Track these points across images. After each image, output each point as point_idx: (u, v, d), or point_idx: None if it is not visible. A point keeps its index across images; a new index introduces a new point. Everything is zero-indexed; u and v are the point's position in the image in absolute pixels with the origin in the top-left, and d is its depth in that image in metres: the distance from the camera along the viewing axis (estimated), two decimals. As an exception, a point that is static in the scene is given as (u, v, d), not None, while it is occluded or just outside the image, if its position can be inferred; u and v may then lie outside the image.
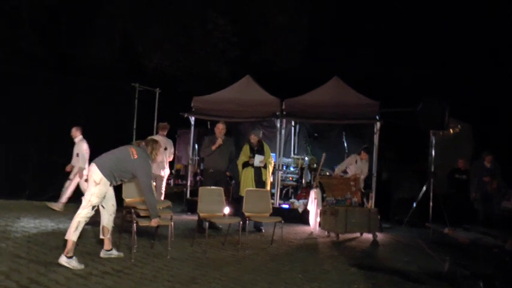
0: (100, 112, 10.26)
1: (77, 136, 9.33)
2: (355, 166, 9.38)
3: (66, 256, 5.21)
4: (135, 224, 5.90)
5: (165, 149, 9.20)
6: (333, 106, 9.98)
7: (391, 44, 15.24)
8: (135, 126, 11.02)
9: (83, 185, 8.97)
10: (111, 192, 5.70)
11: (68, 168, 9.26)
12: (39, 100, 10.29)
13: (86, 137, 9.38)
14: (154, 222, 5.72)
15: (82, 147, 9.17)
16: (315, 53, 15.55)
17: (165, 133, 9.50)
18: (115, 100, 10.55)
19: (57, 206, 9.17)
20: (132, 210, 6.25)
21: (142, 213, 6.09)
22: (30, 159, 9.95)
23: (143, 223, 5.90)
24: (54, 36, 15.44)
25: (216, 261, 5.97)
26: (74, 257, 5.24)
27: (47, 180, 10.06)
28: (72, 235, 5.31)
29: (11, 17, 14.85)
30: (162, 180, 9.25)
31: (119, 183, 5.81)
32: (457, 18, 14.64)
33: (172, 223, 6.35)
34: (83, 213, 5.41)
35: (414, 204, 10.26)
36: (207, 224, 6.70)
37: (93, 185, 5.45)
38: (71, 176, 9.26)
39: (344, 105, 9.95)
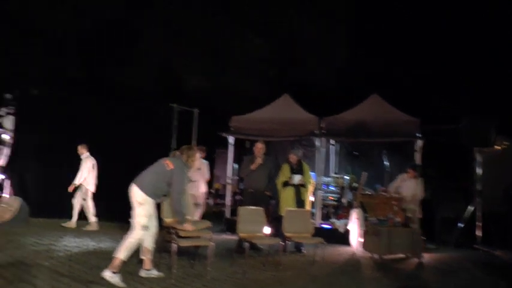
0: (140, 133, 10.45)
1: (83, 153, 9.70)
2: (405, 185, 9.12)
3: (111, 271, 5.24)
4: (175, 245, 5.90)
5: (199, 169, 9.31)
6: (372, 124, 9.85)
7: (432, 60, 14.93)
8: (174, 147, 11.14)
9: (77, 202, 9.48)
10: (153, 212, 5.72)
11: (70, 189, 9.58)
12: (83, 124, 10.64)
13: (127, 158, 9.58)
14: (188, 227, 5.77)
15: (86, 165, 9.53)
16: (353, 70, 15.39)
17: (202, 156, 9.59)
18: (154, 121, 10.74)
19: (71, 224, 9.57)
20: (172, 231, 6.24)
21: (182, 234, 6.08)
22: (72, 180, 10.18)
23: (183, 243, 5.90)
24: (97, 61, 15.95)
25: (256, 282, 5.88)
26: (119, 274, 5.27)
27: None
28: (122, 253, 5.37)
29: (59, 44, 15.49)
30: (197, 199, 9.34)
31: (162, 199, 5.83)
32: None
33: (212, 243, 6.31)
34: (135, 234, 5.46)
35: (460, 224, 9.89)
36: (247, 244, 6.62)
37: (137, 206, 5.49)
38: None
39: (384, 123, 9.80)
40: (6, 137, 11.25)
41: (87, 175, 9.58)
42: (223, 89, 15.37)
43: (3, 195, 11.12)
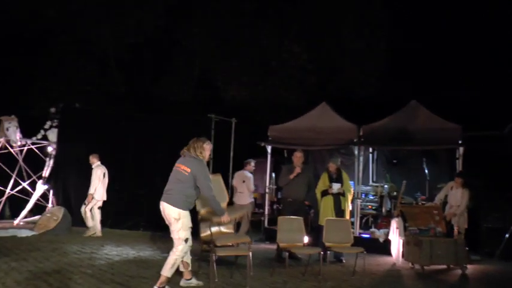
0: (178, 144, 10.54)
1: (94, 163, 9.91)
2: (452, 194, 8.89)
3: (158, 287, 5.32)
4: (214, 255, 5.92)
5: (243, 181, 9.70)
6: (412, 131, 9.67)
7: (472, 65, 14.59)
8: (212, 156, 11.21)
9: (87, 212, 9.72)
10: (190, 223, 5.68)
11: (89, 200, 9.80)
12: (122, 136, 10.88)
13: (167, 169, 9.71)
14: (225, 219, 5.76)
15: (96, 173, 9.76)
16: (393, 78, 15.16)
17: (249, 169, 9.95)
18: (192, 132, 10.72)
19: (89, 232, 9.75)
20: (211, 238, 6.28)
21: (219, 243, 6.10)
22: (113, 190, 10.40)
23: (222, 253, 5.93)
24: (137, 75, 16.32)
25: (297, 293, 5.84)
26: None
27: (127, 210, 10.48)
28: (168, 272, 5.37)
29: (100, 60, 15.97)
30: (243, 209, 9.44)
31: (194, 204, 5.79)
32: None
33: (251, 253, 6.30)
34: (179, 250, 5.43)
35: (507, 235, 9.53)
36: (286, 254, 6.58)
37: (174, 222, 5.44)
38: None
39: (424, 130, 9.61)
40: (50, 149, 11.65)
41: (97, 184, 9.78)
42: (261, 99, 15.42)
43: (48, 205, 11.51)
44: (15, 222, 10.97)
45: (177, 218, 5.43)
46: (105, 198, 9.98)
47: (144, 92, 16.05)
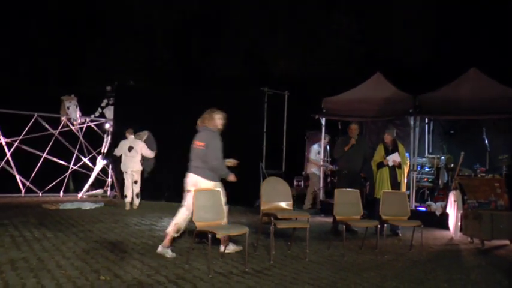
0: (231, 119, 10.61)
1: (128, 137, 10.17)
2: None
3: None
4: (272, 227, 5.99)
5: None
6: (472, 100, 9.22)
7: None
8: (265, 130, 11.25)
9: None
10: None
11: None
12: (174, 112, 11.08)
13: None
14: (232, 177, 6.01)
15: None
16: (448, 44, 14.51)
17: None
18: (244, 106, 10.84)
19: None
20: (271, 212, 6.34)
21: (279, 216, 6.15)
22: (168, 164, 10.65)
23: (281, 225, 5.99)
24: (185, 51, 16.46)
25: (354, 266, 5.82)
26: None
27: (183, 184, 10.69)
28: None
29: (147, 37, 16.20)
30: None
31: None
32: None
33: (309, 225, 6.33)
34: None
35: None
36: (343, 227, 6.57)
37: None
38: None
39: (485, 99, 9.13)
40: (107, 125, 12.06)
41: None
42: (310, 71, 15.21)
43: (108, 179, 12.00)
44: (79, 195, 11.50)
45: (193, 184, 5.94)
46: (127, 170, 10.15)
47: (192, 68, 16.20)
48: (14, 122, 11.18)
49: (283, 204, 6.50)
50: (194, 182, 5.95)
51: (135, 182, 10.11)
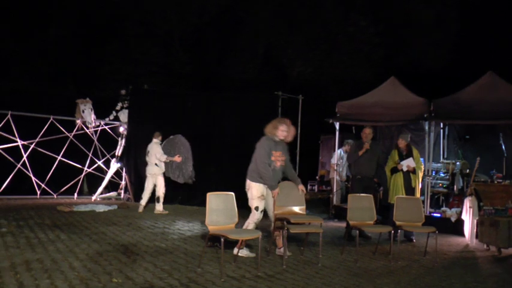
0: (245, 122, 10.63)
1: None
2: None
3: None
4: (285, 231, 5.97)
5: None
6: (487, 104, 9.05)
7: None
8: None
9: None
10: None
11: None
12: (187, 115, 11.12)
13: (234, 147, 9.94)
14: (275, 194, 6.10)
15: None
16: (466, 48, 14.34)
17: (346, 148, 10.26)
18: (259, 110, 10.82)
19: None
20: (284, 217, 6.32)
21: (292, 220, 6.13)
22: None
23: (294, 230, 5.96)
24: (202, 55, 16.53)
25: (368, 272, 5.77)
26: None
27: (197, 187, 10.72)
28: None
29: (165, 42, 16.30)
30: None
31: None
32: None
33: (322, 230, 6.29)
34: (251, 216, 6.13)
35: None
36: (357, 232, 6.51)
37: (247, 192, 6.18)
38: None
39: (501, 103, 8.99)
40: (121, 129, 12.15)
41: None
42: (327, 74, 15.15)
43: (121, 182, 12.07)
44: (93, 198, 11.58)
45: (247, 188, 6.16)
46: (146, 173, 10.15)
47: (209, 72, 16.25)
48: (30, 125, 11.30)
49: (296, 209, 6.47)
50: (246, 184, 6.21)
51: (155, 186, 10.14)
